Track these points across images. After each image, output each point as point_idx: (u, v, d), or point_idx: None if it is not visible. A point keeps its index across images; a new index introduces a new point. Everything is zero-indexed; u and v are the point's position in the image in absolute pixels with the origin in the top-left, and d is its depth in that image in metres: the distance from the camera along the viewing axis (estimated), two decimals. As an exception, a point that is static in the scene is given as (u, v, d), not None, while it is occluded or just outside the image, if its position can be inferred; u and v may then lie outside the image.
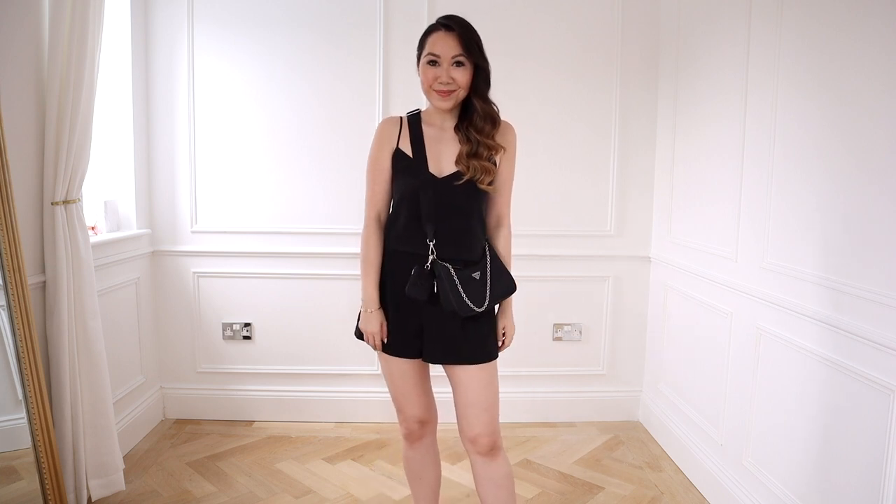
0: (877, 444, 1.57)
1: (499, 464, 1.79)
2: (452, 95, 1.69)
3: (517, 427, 3.10)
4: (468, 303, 1.66)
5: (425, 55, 1.69)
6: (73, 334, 2.18)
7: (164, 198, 3.04)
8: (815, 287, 1.83)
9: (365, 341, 1.82)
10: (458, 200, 1.71)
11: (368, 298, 1.78)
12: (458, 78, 1.67)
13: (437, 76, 1.67)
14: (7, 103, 1.97)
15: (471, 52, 1.66)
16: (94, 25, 2.16)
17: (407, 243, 1.74)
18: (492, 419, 1.75)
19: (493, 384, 1.76)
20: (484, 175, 1.69)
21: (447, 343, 1.73)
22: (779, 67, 2.02)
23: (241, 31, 2.95)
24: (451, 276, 1.66)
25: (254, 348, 3.13)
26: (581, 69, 3.02)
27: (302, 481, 2.55)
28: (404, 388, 1.85)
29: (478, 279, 1.70)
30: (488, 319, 1.78)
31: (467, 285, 1.67)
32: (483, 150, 1.70)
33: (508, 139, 1.77)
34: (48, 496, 2.03)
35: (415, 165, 1.74)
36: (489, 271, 1.73)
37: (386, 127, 1.81)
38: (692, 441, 2.62)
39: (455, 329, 1.72)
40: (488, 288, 1.71)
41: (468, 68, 1.68)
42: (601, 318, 3.16)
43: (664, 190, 2.97)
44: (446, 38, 1.66)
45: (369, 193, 1.84)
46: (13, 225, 1.94)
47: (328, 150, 3.02)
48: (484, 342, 1.75)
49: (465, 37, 1.66)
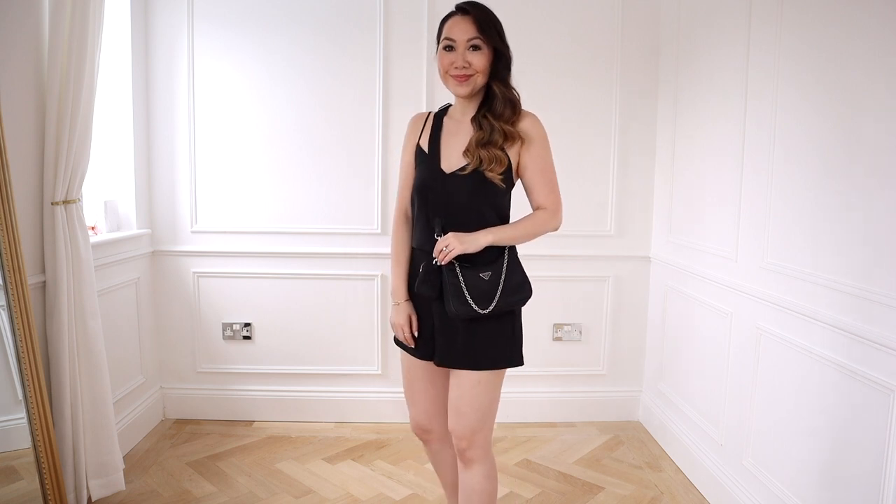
0: (877, 444, 1.57)
1: (472, 474, 1.71)
2: (470, 80, 1.62)
3: (517, 427, 3.10)
4: (471, 303, 1.57)
5: (442, 40, 1.64)
6: (73, 334, 2.18)
7: (163, 198, 3.04)
8: (815, 287, 1.83)
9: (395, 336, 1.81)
10: (463, 194, 1.63)
11: (395, 290, 1.77)
12: (474, 62, 1.60)
13: (453, 61, 1.62)
14: (7, 103, 1.97)
15: (488, 35, 1.60)
16: (94, 26, 2.16)
17: (420, 240, 1.71)
18: (468, 425, 1.67)
19: (474, 394, 1.65)
20: (494, 164, 1.59)
21: (444, 346, 1.69)
22: (779, 67, 2.02)
23: (241, 31, 2.95)
24: (456, 275, 1.58)
25: (254, 348, 3.13)
26: (581, 69, 3.02)
27: (302, 481, 2.55)
28: (412, 388, 1.84)
29: (487, 280, 1.59)
30: (497, 326, 1.65)
31: (472, 285, 1.58)
32: (498, 136, 1.61)
33: (527, 129, 1.66)
34: (48, 496, 2.03)
35: (428, 160, 1.70)
36: (503, 274, 1.62)
37: (412, 123, 1.80)
38: (692, 441, 2.62)
39: (460, 331, 1.65)
40: (499, 290, 1.60)
41: (486, 52, 1.61)
42: (601, 318, 3.16)
43: (664, 190, 2.97)
44: (462, 21, 1.61)
45: (399, 189, 1.82)
46: (13, 225, 1.94)
47: (328, 149, 3.02)
48: (484, 349, 1.65)
49: (482, 19, 1.61)
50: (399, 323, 1.76)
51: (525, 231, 1.67)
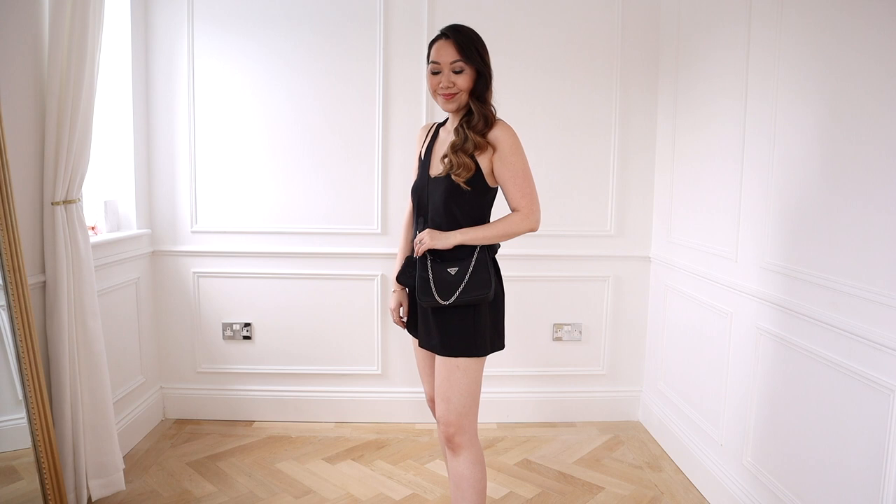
0: (877, 444, 1.57)
1: (458, 462, 1.83)
2: (455, 98, 1.79)
3: (517, 427, 3.10)
4: (434, 293, 1.76)
5: (430, 63, 1.81)
6: (73, 334, 2.18)
7: (163, 198, 3.04)
8: (815, 287, 1.83)
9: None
10: (438, 196, 1.82)
11: (394, 278, 1.98)
12: (458, 82, 1.77)
13: (440, 82, 1.79)
14: (7, 103, 1.97)
15: (469, 58, 1.76)
16: (94, 25, 2.16)
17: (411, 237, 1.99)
18: (450, 411, 1.80)
19: (454, 379, 1.79)
20: (461, 170, 1.76)
21: (424, 331, 1.89)
22: (779, 69, 2.02)
23: (240, 31, 2.95)
24: (426, 265, 1.80)
25: (254, 348, 3.13)
26: (581, 70, 3.02)
27: (302, 481, 2.55)
28: (419, 366, 2.06)
29: (453, 275, 1.77)
30: (461, 317, 1.79)
31: (439, 277, 1.77)
32: (469, 144, 1.77)
33: (497, 137, 1.78)
34: (48, 496, 2.03)
35: (421, 166, 1.93)
36: (469, 271, 1.77)
37: (419, 132, 2.06)
38: (692, 441, 2.62)
39: (431, 319, 1.84)
40: (462, 286, 1.76)
41: (468, 73, 1.78)
42: (601, 318, 3.16)
43: (664, 190, 2.97)
44: (445, 46, 1.78)
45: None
46: (13, 225, 1.94)
47: (328, 149, 3.02)
48: (451, 337, 1.79)
49: (463, 43, 1.76)
50: (390, 307, 2.02)
51: (496, 232, 1.82)
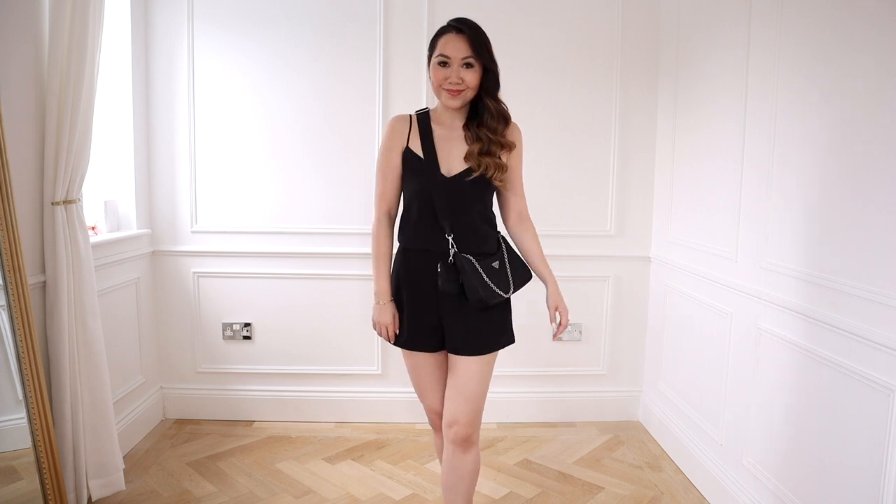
0: (877, 444, 1.57)
1: (469, 458, 1.84)
2: (461, 95, 1.75)
3: (517, 427, 3.10)
4: (496, 290, 1.76)
5: (436, 56, 1.75)
6: (73, 334, 2.18)
7: (163, 198, 3.04)
8: (816, 287, 1.83)
9: (378, 333, 1.89)
10: (469, 196, 1.78)
11: (381, 291, 1.85)
12: (467, 79, 1.73)
13: (447, 76, 1.73)
14: (7, 103, 1.97)
15: (480, 55, 1.72)
16: (94, 25, 2.16)
17: (423, 242, 1.81)
18: (472, 410, 1.81)
19: (486, 377, 1.83)
20: (497, 171, 1.77)
21: (458, 336, 1.80)
22: (779, 69, 2.02)
23: (240, 31, 2.95)
24: (476, 268, 1.74)
25: (254, 348, 3.13)
26: (581, 70, 3.02)
27: (302, 481, 2.55)
28: (424, 381, 1.93)
29: (498, 268, 1.79)
30: (501, 310, 1.85)
31: (491, 274, 1.76)
32: (496, 147, 1.78)
33: (517, 137, 1.85)
34: (48, 496, 2.03)
35: (426, 166, 1.79)
36: (507, 260, 1.83)
37: (396, 125, 1.85)
38: (692, 441, 2.62)
39: (476, 319, 1.79)
40: (510, 275, 1.81)
41: (477, 70, 1.74)
42: (601, 318, 3.16)
43: (664, 190, 2.97)
44: (457, 40, 1.72)
45: (379, 190, 1.88)
46: (13, 225, 1.94)
47: (328, 149, 3.02)
48: (491, 333, 1.82)
49: (475, 39, 1.72)
50: (385, 322, 1.85)
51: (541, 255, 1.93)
